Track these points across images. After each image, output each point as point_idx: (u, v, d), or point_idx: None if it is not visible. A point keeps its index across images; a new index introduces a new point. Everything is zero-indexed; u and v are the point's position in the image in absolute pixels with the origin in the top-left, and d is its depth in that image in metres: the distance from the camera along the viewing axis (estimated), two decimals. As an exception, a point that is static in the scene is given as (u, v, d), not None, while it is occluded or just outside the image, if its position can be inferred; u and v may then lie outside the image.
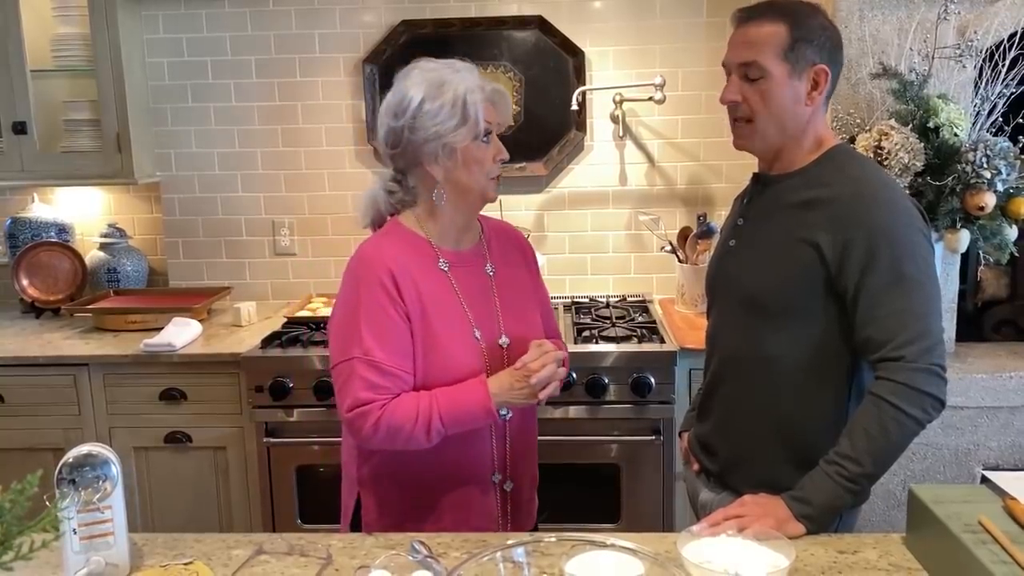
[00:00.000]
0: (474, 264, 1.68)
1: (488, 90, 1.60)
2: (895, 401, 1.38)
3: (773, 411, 1.55)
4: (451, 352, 1.58)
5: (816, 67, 1.49)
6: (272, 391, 2.52)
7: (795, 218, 1.50)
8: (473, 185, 1.61)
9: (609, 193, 3.12)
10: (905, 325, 1.39)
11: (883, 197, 1.46)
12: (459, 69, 1.60)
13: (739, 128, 1.56)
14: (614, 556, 1.19)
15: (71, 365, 2.65)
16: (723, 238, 1.72)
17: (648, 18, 3.01)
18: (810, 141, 1.55)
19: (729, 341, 1.63)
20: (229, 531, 2.18)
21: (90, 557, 1.26)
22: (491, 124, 1.60)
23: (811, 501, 1.40)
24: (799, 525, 1.38)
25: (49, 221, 3.18)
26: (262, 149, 3.15)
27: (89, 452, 1.28)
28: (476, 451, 1.64)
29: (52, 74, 3.00)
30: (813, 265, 1.46)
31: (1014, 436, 2.30)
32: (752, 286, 1.55)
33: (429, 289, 1.59)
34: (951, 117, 2.18)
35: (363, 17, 3.06)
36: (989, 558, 1.10)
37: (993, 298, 2.60)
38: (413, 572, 1.19)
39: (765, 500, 1.42)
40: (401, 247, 1.61)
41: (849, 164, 1.53)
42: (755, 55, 1.48)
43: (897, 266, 1.40)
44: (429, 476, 1.62)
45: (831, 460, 1.41)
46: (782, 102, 1.50)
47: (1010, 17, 2.26)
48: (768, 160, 1.60)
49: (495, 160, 1.62)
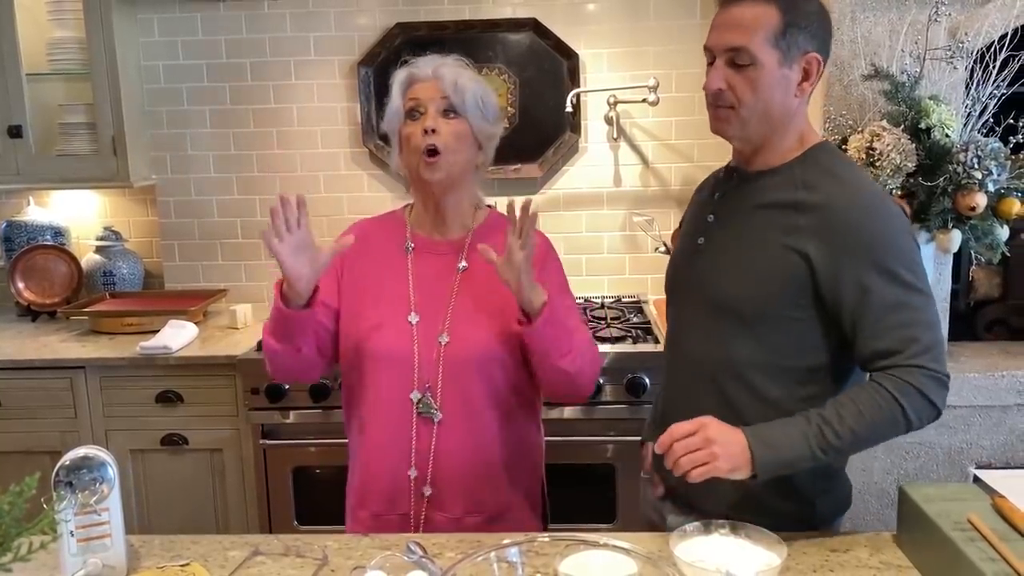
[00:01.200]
0: (444, 255, 1.67)
1: (416, 72, 1.62)
2: (900, 399, 1.32)
3: (745, 423, 1.41)
4: (372, 327, 1.61)
5: (808, 55, 1.39)
6: (268, 393, 2.52)
7: (778, 220, 1.41)
8: (410, 166, 1.63)
9: (604, 194, 3.13)
10: (917, 337, 1.34)
11: (877, 206, 1.39)
12: (425, 63, 1.64)
13: (720, 112, 1.44)
14: (608, 556, 1.20)
15: (67, 368, 2.65)
16: (688, 233, 1.60)
17: (642, 20, 3.02)
18: (793, 136, 1.46)
19: (696, 347, 1.51)
20: (226, 533, 2.18)
21: (87, 559, 1.27)
22: (416, 101, 1.60)
23: (779, 452, 1.31)
24: (747, 471, 1.31)
25: (45, 224, 3.18)
26: (258, 152, 3.16)
27: (86, 455, 1.29)
28: (392, 438, 1.61)
29: (48, 77, 3.00)
30: (799, 274, 1.38)
31: (1006, 435, 2.32)
32: (726, 290, 1.45)
33: (379, 264, 1.66)
34: (942, 118, 2.19)
35: (358, 20, 3.07)
36: (978, 555, 1.11)
37: (986, 298, 2.61)
38: (408, 573, 1.20)
39: (729, 434, 1.32)
40: (378, 227, 1.74)
41: (836, 166, 1.45)
42: (744, 40, 1.37)
43: (899, 277, 1.35)
44: (355, 463, 1.68)
45: (811, 420, 1.33)
46: (771, 92, 1.39)
47: (1001, 18, 2.27)
48: (747, 154, 1.49)
49: (424, 134, 1.58)
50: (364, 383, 1.63)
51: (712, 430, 1.31)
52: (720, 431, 1.31)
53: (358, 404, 1.65)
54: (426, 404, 1.58)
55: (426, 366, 1.59)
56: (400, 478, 1.60)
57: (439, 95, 1.59)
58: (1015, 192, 2.22)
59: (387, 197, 3.10)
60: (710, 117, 1.47)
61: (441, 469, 1.59)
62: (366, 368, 1.62)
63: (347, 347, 1.64)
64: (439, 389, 1.59)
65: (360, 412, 1.65)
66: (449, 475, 1.60)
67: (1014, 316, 2.57)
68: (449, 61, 1.64)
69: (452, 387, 1.59)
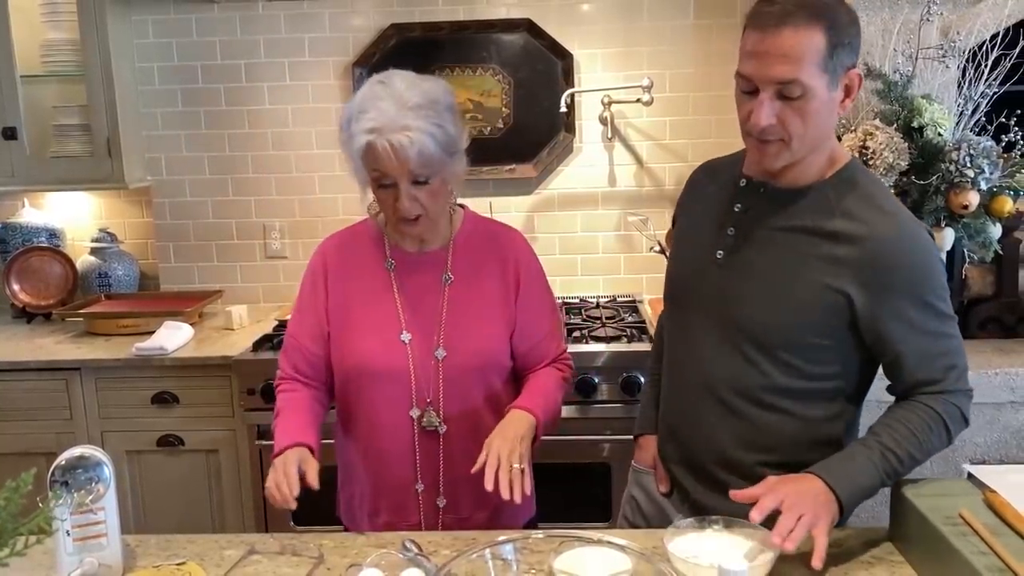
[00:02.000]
0: (428, 269, 1.65)
1: (376, 142, 1.45)
2: (947, 421, 1.36)
3: (759, 443, 1.45)
4: (366, 348, 1.60)
5: (850, 72, 1.31)
6: (264, 394, 2.52)
7: (815, 250, 1.36)
8: (386, 215, 1.60)
9: (598, 194, 3.14)
10: (955, 364, 1.38)
11: (917, 237, 1.36)
12: (373, 108, 1.46)
13: (769, 148, 1.33)
14: (602, 552, 1.21)
15: (63, 370, 2.65)
16: (702, 243, 1.50)
17: (636, 20, 3.03)
18: (826, 152, 1.39)
19: (710, 367, 1.47)
20: (222, 533, 2.18)
21: (83, 558, 1.28)
22: (382, 174, 1.49)
23: (858, 484, 1.30)
24: (836, 511, 1.28)
25: (40, 226, 3.18)
26: (252, 153, 3.16)
27: (81, 454, 1.29)
28: (395, 455, 1.63)
29: (42, 79, 3.00)
30: (838, 310, 1.35)
31: (999, 432, 2.33)
32: (753, 316, 1.40)
33: (364, 286, 1.64)
34: (935, 117, 2.21)
35: (352, 21, 3.08)
36: (969, 549, 1.12)
37: (979, 296, 2.62)
38: (403, 570, 1.21)
39: (807, 486, 1.28)
40: (349, 241, 1.70)
41: (872, 192, 1.39)
42: (795, 72, 1.25)
43: (936, 308, 1.36)
44: (356, 472, 1.68)
45: (873, 448, 1.33)
46: (822, 119, 1.31)
47: (992, 18, 2.29)
48: (775, 169, 1.39)
49: (396, 212, 1.52)
50: (360, 402, 1.64)
51: (790, 490, 1.26)
52: (796, 488, 1.27)
53: (354, 422, 1.66)
54: (429, 419, 1.60)
55: (423, 382, 1.60)
56: (407, 492, 1.64)
57: (406, 170, 1.48)
58: (1007, 190, 2.23)
59: (382, 198, 3.10)
60: (752, 149, 1.38)
61: (452, 479, 1.63)
62: (361, 388, 1.62)
63: (340, 367, 1.65)
64: (440, 402, 1.61)
65: (357, 430, 1.66)
66: (460, 482, 1.62)
67: (1007, 314, 2.58)
68: (412, 105, 1.46)
69: (453, 399, 1.61)
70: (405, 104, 1.46)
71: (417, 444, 1.62)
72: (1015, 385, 2.29)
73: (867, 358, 1.42)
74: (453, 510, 1.65)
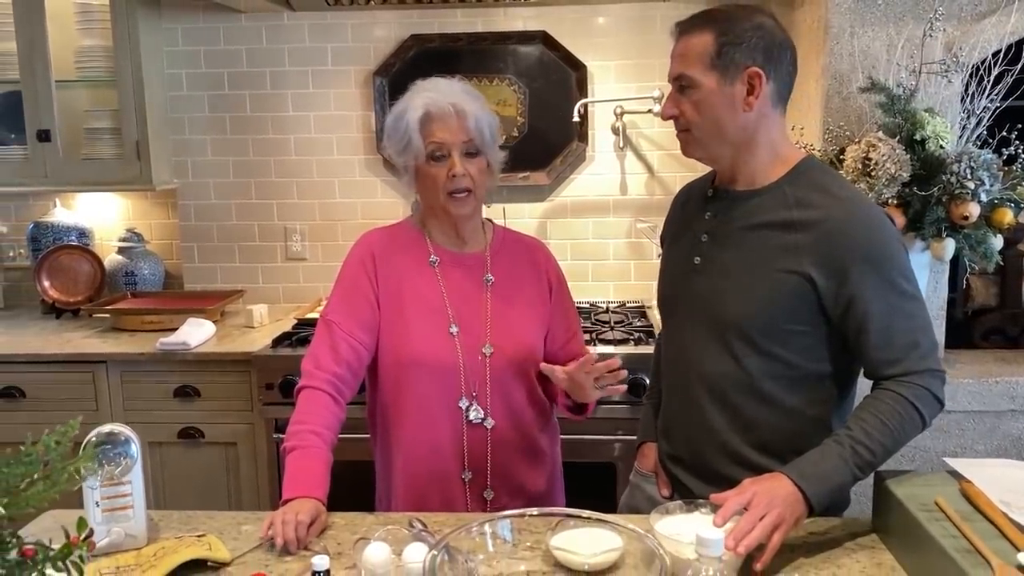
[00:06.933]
0: (469, 270, 1.74)
1: (434, 109, 1.60)
2: (916, 403, 1.39)
3: (759, 436, 1.51)
4: (418, 339, 1.66)
5: (749, 70, 1.43)
6: (282, 389, 2.60)
7: (774, 241, 1.45)
8: (432, 202, 1.68)
9: (610, 202, 3.20)
10: (918, 343, 1.41)
11: (872, 217, 1.44)
12: (428, 89, 1.64)
13: (680, 136, 1.54)
14: (595, 531, 1.28)
15: (89, 362, 2.74)
16: (679, 251, 1.62)
17: (649, 33, 3.10)
18: (767, 153, 1.50)
19: (706, 366, 1.53)
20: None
21: (111, 528, 1.36)
22: (439, 144, 1.61)
23: (827, 483, 1.33)
24: (805, 509, 1.31)
25: (70, 225, 3.28)
26: (275, 158, 3.25)
27: (111, 431, 1.38)
28: (444, 444, 1.68)
29: (75, 84, 3.09)
30: (802, 293, 1.43)
31: (999, 440, 2.35)
32: (731, 312, 1.49)
33: (411, 278, 1.69)
34: (937, 130, 2.24)
35: (374, 31, 3.16)
36: (940, 533, 1.18)
37: (983, 306, 2.64)
38: (408, 544, 1.27)
39: (775, 486, 1.31)
40: (393, 238, 1.75)
41: (826, 181, 1.48)
42: (683, 67, 1.46)
43: (897, 286, 1.41)
44: (400, 463, 1.71)
45: (844, 443, 1.36)
46: (716, 110, 1.45)
47: (995, 34, 2.32)
48: (725, 174, 1.55)
49: (449, 177, 1.62)
50: (408, 392, 1.68)
51: (759, 489, 1.30)
52: (765, 487, 1.30)
53: (404, 413, 1.69)
54: (476, 411, 1.67)
55: (471, 375, 1.67)
56: (454, 481, 1.69)
57: (462, 137, 1.62)
58: (1008, 202, 2.27)
59: (400, 203, 3.19)
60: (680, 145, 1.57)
61: (498, 473, 1.70)
62: (410, 378, 1.67)
63: (388, 358, 1.68)
64: (488, 398, 1.68)
65: (406, 421, 1.69)
66: (505, 475, 1.71)
67: (1010, 325, 2.60)
68: (460, 90, 1.65)
69: (497, 394, 1.69)
70: (454, 89, 1.65)
71: (465, 435, 1.68)
72: (1015, 394, 2.32)
73: (845, 343, 1.46)
74: (498, 504, 1.70)
